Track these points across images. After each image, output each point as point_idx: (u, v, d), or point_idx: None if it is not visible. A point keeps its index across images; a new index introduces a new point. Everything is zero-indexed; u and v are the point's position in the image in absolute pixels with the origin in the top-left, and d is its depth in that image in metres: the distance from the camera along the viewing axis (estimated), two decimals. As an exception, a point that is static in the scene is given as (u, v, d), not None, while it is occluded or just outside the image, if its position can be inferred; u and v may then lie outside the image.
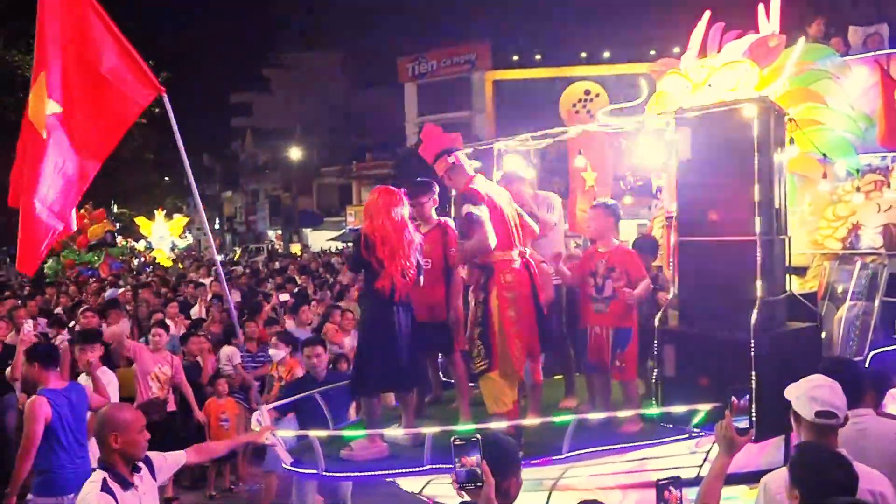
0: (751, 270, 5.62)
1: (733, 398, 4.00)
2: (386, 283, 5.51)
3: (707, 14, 7.53)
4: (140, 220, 31.34)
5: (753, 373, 5.50)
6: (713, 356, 5.76)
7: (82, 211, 26.96)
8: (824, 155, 6.62)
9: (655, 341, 6.01)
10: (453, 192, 6.31)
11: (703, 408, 5.61)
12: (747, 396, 4.09)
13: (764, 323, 5.61)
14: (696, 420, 5.69)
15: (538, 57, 46.20)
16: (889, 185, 7.42)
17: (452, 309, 6.28)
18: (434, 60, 48.86)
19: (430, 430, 5.10)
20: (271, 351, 8.88)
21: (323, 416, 6.28)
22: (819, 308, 7.27)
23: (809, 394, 4.12)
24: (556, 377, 7.11)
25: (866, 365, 6.80)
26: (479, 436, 3.38)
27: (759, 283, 5.60)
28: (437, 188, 6.44)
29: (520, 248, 5.79)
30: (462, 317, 6.26)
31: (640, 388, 6.19)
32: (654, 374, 6.08)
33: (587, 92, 9.29)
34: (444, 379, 6.87)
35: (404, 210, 5.69)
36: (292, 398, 6.49)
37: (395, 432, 5.49)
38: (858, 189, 7.01)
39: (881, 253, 7.21)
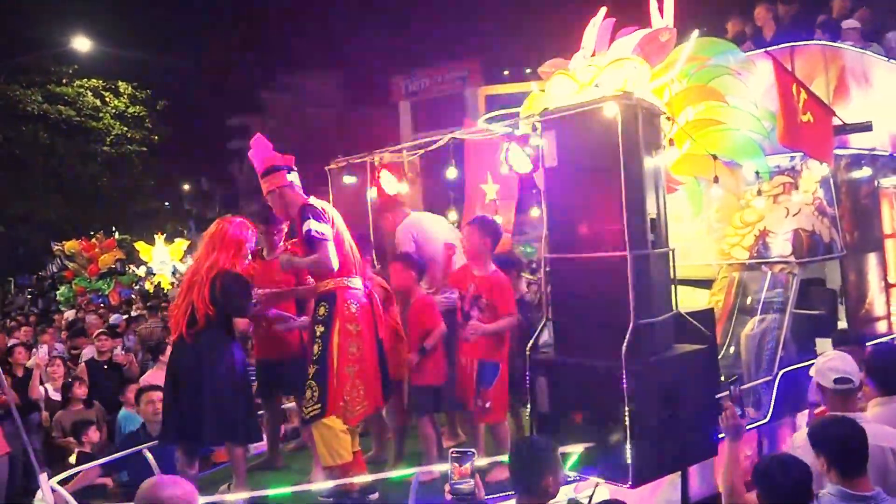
0: (622, 290, 4.60)
1: (731, 388, 4.49)
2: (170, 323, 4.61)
3: (602, 10, 6.50)
4: (140, 246, 30.37)
5: (626, 406, 4.46)
6: (588, 389, 4.74)
7: (93, 240, 26.48)
8: (714, 157, 5.56)
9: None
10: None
11: (578, 449, 4.60)
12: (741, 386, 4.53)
13: (639, 349, 4.58)
14: (571, 462, 4.67)
15: (528, 71, 44.91)
16: (797, 188, 6.36)
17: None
18: (426, 78, 47.11)
19: (234, 498, 4.04)
20: None
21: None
22: (728, 324, 6.24)
23: (826, 366, 4.30)
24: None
25: (775, 384, 5.74)
26: (474, 450, 3.41)
27: (631, 303, 4.57)
28: None
29: (361, 277, 4.75)
30: None
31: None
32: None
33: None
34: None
35: (232, 243, 4.69)
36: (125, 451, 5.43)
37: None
38: (760, 192, 5.94)
39: (790, 261, 6.15)
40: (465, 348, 5.05)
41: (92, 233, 26.97)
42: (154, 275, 31.12)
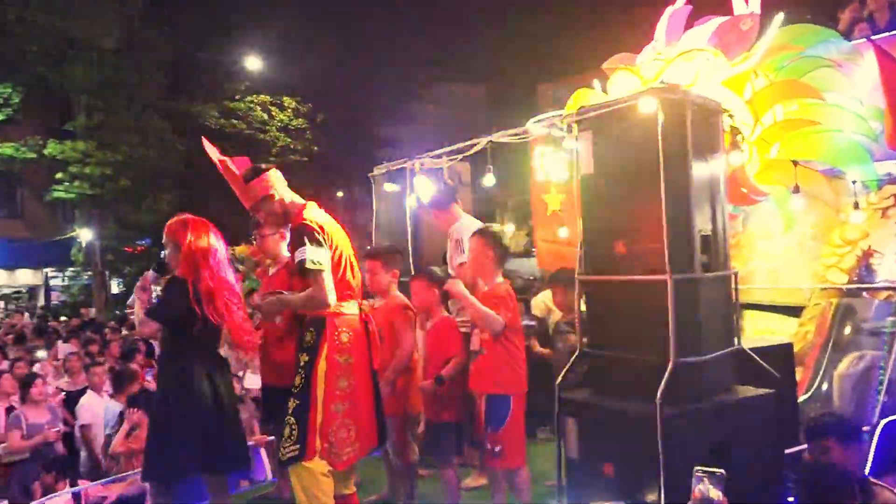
0: (662, 320, 3.59)
1: None
2: None
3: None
4: (299, 251, 31.02)
5: (661, 461, 3.46)
6: (620, 436, 3.77)
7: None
8: (795, 163, 4.41)
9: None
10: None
11: (605, 506, 3.64)
12: None
13: (681, 392, 3.57)
14: (598, 521, 3.71)
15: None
16: (911, 200, 5.02)
17: None
18: (574, 86, 45.70)
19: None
20: None
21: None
22: (820, 359, 5.00)
23: None
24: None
25: (875, 436, 4.47)
26: (723, 471, 2.97)
27: (670, 337, 3.56)
28: None
29: (358, 299, 3.91)
30: None
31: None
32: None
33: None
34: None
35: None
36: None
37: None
38: (857, 206, 4.68)
39: (900, 288, 4.84)
40: (472, 380, 4.14)
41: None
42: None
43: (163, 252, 4.07)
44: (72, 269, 24.58)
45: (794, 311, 5.31)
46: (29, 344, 11.10)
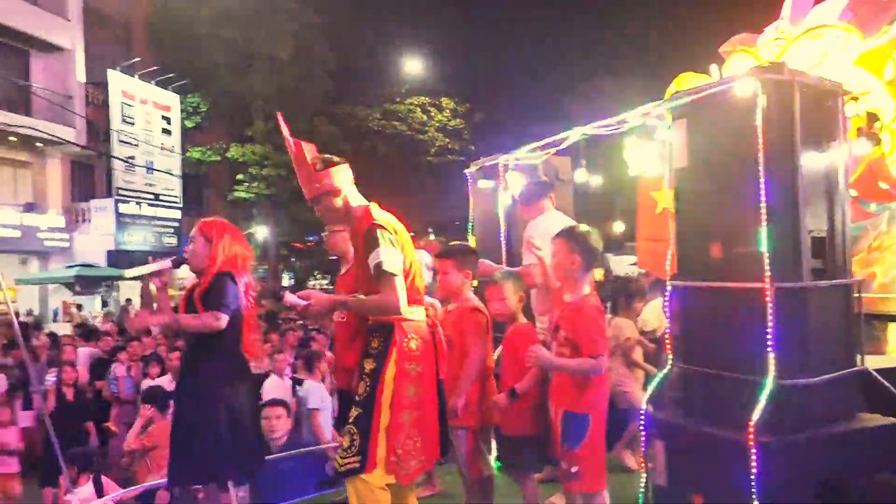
0: (761, 334, 3.04)
1: None
2: None
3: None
4: (443, 244, 31.22)
5: (756, 498, 2.93)
6: (711, 465, 3.23)
7: (421, 243, 27.61)
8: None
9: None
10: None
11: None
12: None
13: (783, 418, 3.01)
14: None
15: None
16: None
17: None
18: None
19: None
20: None
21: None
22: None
23: None
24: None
25: None
26: None
27: (769, 354, 3.00)
28: None
29: (425, 304, 3.56)
30: None
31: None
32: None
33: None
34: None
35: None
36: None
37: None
38: None
39: None
40: (550, 393, 3.66)
41: (412, 234, 28.14)
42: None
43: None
44: (250, 263, 25.99)
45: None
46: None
